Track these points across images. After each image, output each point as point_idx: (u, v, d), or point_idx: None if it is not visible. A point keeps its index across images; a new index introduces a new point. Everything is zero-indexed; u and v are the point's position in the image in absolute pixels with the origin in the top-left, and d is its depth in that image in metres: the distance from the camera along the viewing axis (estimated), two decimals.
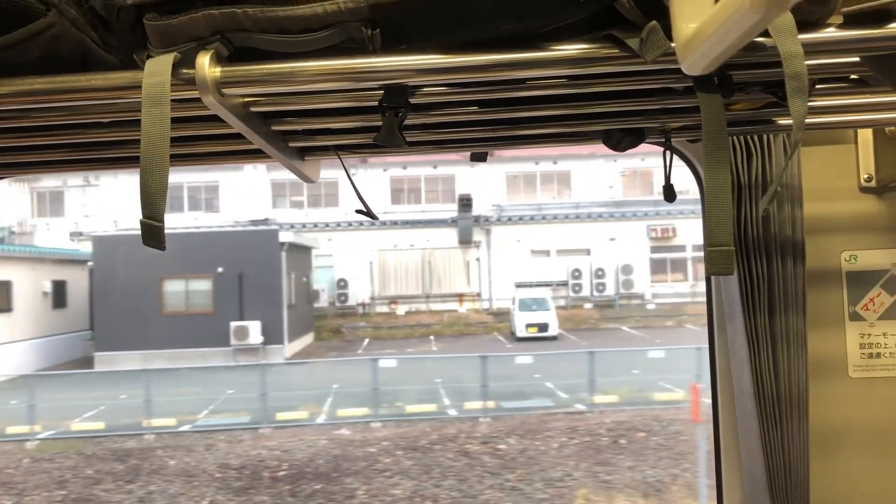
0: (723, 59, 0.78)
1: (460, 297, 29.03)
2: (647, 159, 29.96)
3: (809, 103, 1.27)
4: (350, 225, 29.12)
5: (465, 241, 29.12)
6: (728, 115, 1.25)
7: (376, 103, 1.10)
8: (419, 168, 30.67)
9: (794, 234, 1.61)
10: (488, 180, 29.88)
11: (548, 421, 12.73)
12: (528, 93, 1.13)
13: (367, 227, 28.94)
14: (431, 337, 24.57)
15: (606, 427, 12.22)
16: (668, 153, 1.38)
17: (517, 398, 14.02)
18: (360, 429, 12.74)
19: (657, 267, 29.15)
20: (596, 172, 30.53)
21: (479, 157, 1.52)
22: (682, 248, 29.08)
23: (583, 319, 26.59)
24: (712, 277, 1.81)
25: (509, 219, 29.25)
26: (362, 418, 13.24)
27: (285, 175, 28.98)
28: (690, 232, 28.66)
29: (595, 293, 28.33)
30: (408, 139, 1.31)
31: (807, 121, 1.32)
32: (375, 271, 29.35)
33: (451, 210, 29.61)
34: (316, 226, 29.40)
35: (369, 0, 0.93)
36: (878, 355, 1.73)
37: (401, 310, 28.75)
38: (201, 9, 0.97)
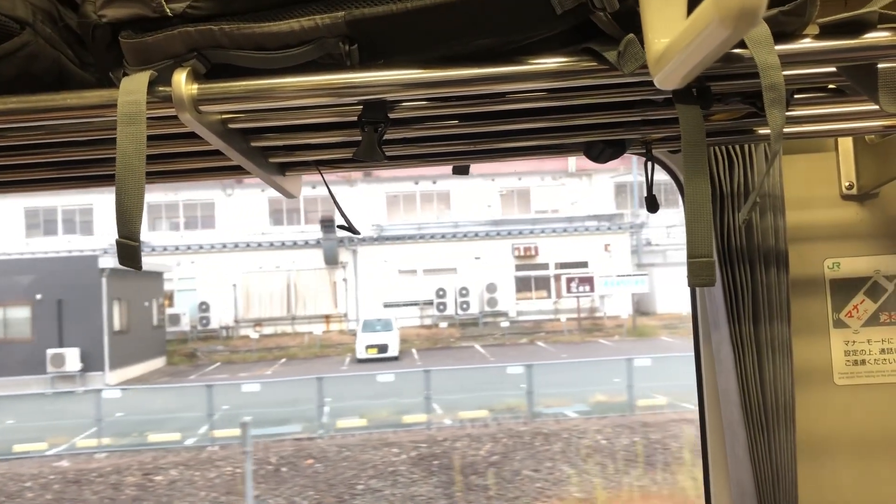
0: (695, 74, 0.78)
1: (327, 318, 28.76)
2: (525, 178, 30.41)
3: (789, 113, 1.27)
4: (225, 246, 28.57)
5: (332, 261, 28.83)
6: (708, 126, 1.25)
7: (356, 118, 1.10)
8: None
9: (777, 243, 1.61)
10: (369, 200, 29.66)
11: (266, 447, 12.41)
12: (509, 106, 1.13)
13: (233, 249, 28.49)
14: (283, 360, 24.15)
15: (290, 454, 12.05)
16: (649, 164, 1.38)
17: (271, 424, 13.70)
18: (83, 460, 12.30)
19: (522, 285, 29.26)
20: (475, 192, 30.53)
21: (461, 171, 1.52)
22: (545, 267, 29.24)
23: (442, 338, 26.43)
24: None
25: (375, 239, 29.06)
26: (91, 449, 12.87)
27: (160, 197, 28.82)
28: (552, 250, 29.03)
29: (460, 312, 28.28)
30: (389, 153, 1.30)
31: (786, 130, 1.33)
32: (240, 294, 28.86)
33: (291, 231, 29.42)
34: (189, 248, 28.76)
35: (346, 16, 0.92)
36: (863, 362, 1.73)
37: (266, 331, 28.31)
38: (177, 26, 0.96)
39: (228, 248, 28.56)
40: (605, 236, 29.21)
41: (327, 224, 28.19)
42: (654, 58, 0.80)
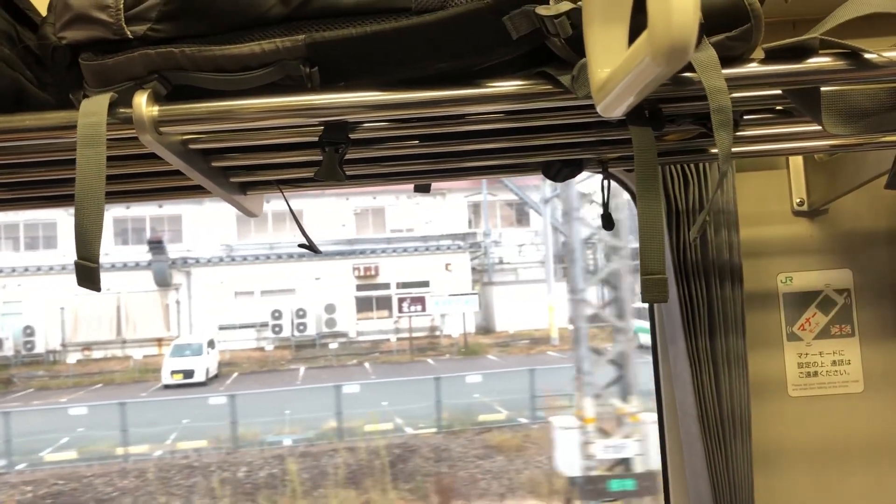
0: (634, 103, 0.81)
1: (159, 341, 27.83)
2: (379, 197, 30.38)
3: (740, 133, 1.31)
4: (52, 269, 27.22)
5: (163, 283, 28.01)
6: (662, 146, 1.29)
7: (318, 138, 1.11)
8: (146, 208, 29.16)
9: (732, 258, 1.65)
10: (218, 219, 28.82)
11: None
12: (468, 127, 1.15)
13: (60, 271, 27.02)
14: (100, 385, 23.47)
15: None
16: (605, 182, 1.41)
17: None
18: None
19: (364, 305, 29.15)
20: (329, 210, 30.21)
21: (422, 189, 1.53)
22: (386, 286, 29.20)
23: (273, 361, 26.05)
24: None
25: (209, 260, 28.50)
26: None
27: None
28: (393, 269, 29.02)
29: (296, 333, 27.96)
30: (351, 173, 1.32)
31: (738, 149, 1.37)
32: (68, 317, 27.78)
33: (174, 251, 28.66)
34: (14, 270, 27.57)
35: (306, 39, 0.94)
36: (816, 374, 1.78)
37: (96, 355, 27.38)
38: (138, 49, 0.97)
39: (56, 270, 27.15)
40: (446, 256, 29.13)
41: (155, 245, 27.36)
42: (596, 86, 0.83)
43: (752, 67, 0.96)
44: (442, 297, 27.44)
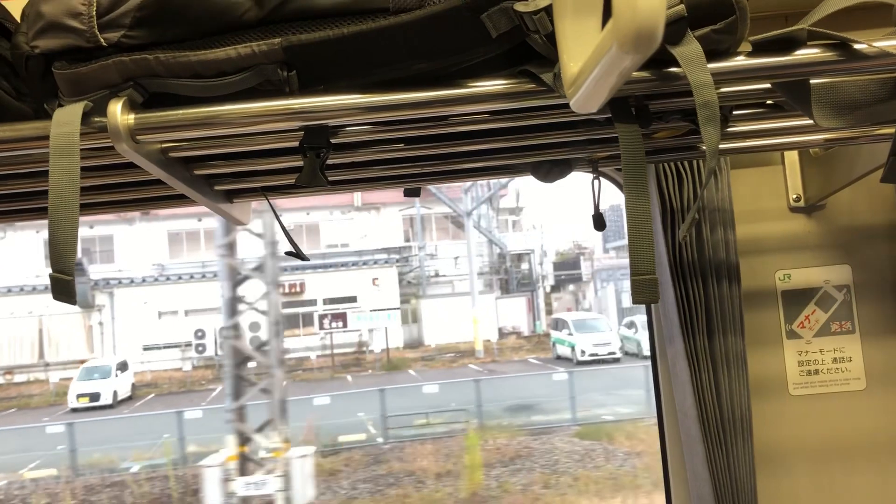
0: (606, 98, 0.79)
1: (82, 363, 26.64)
2: (313, 213, 29.89)
3: (732, 128, 1.29)
4: None
5: (85, 305, 27.26)
6: (652, 144, 1.26)
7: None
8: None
9: (729, 256, 1.63)
10: (149, 238, 28.58)
11: None
12: (453, 129, 1.13)
13: None
14: (13, 409, 22.78)
15: None
16: (596, 182, 1.39)
17: None
18: None
19: (291, 321, 28.30)
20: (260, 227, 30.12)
21: (412, 193, 1.51)
22: (313, 303, 28.87)
23: (192, 381, 25.42)
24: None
25: (132, 281, 28.01)
26: None
27: None
28: (319, 286, 28.76)
29: (220, 352, 27.41)
30: (334, 178, 1.30)
31: (730, 145, 1.34)
32: None
33: (103, 271, 28.11)
34: None
35: (283, 43, 0.92)
36: (817, 372, 1.75)
37: (18, 378, 26.54)
38: (112, 56, 0.95)
39: None
40: (374, 270, 28.91)
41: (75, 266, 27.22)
42: (568, 81, 0.81)
43: (739, 61, 0.94)
44: (363, 312, 27.39)
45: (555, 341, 25.35)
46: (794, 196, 1.75)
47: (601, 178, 1.43)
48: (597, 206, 1.36)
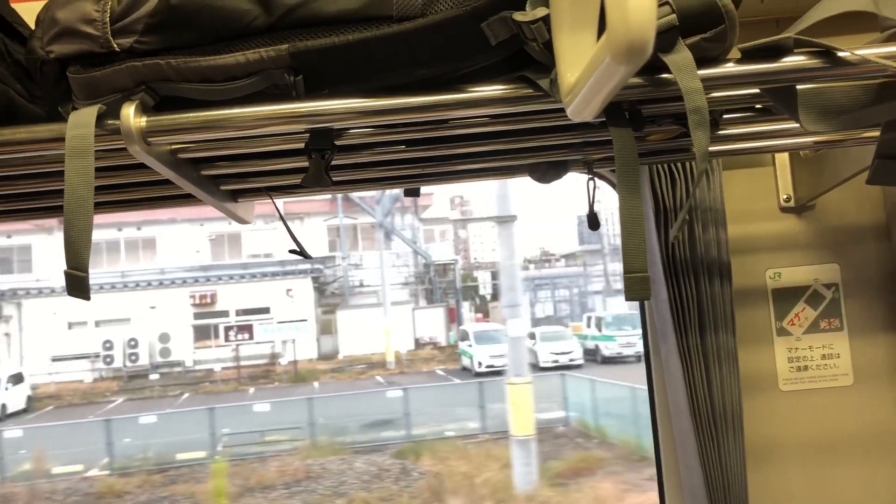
0: (601, 106, 0.83)
1: None
2: (235, 223, 29.56)
3: (722, 131, 1.33)
4: None
5: None
6: (645, 146, 1.30)
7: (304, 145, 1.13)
8: None
9: (720, 255, 1.67)
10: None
11: None
12: (453, 131, 1.17)
13: None
14: None
15: None
16: (591, 183, 1.43)
17: None
18: None
19: (204, 333, 28.50)
20: (182, 237, 29.71)
21: (412, 193, 1.55)
22: (225, 314, 28.67)
23: (95, 393, 24.99)
24: (643, 301, 1.86)
25: (40, 291, 27.42)
26: None
27: None
28: (232, 297, 28.59)
29: (128, 363, 27.29)
30: (338, 179, 1.33)
31: (721, 148, 1.39)
32: None
33: (15, 281, 27.63)
34: None
35: (290, 49, 0.96)
36: (806, 368, 1.80)
37: None
38: (125, 61, 0.99)
39: None
40: (288, 281, 28.73)
41: None
42: (565, 90, 0.85)
43: (728, 68, 0.98)
44: (270, 324, 27.31)
45: (460, 352, 25.45)
46: (785, 196, 1.80)
47: (596, 179, 1.47)
48: (591, 206, 1.40)
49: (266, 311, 28.16)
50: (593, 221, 1.40)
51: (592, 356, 24.13)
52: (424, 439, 14.31)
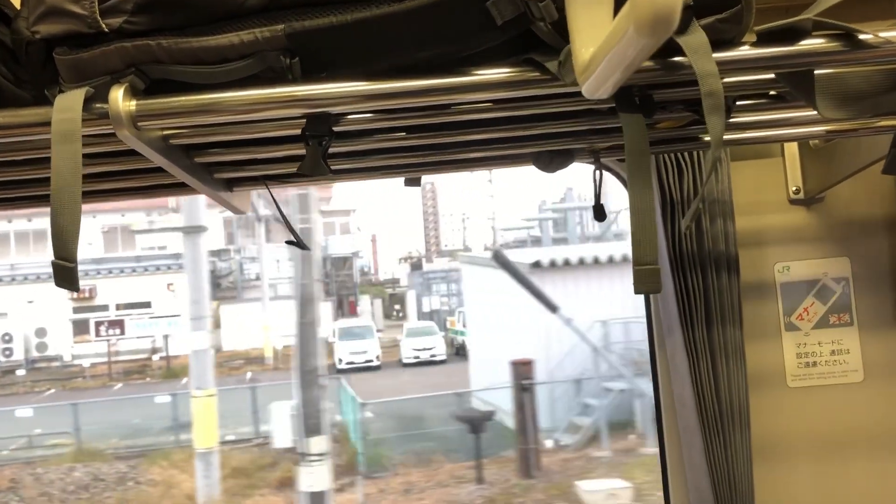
0: (619, 83, 0.79)
1: None
2: (128, 215, 29.66)
3: (733, 119, 1.29)
4: None
5: None
6: (654, 134, 1.26)
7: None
8: None
9: (728, 248, 1.63)
10: None
11: None
12: (455, 118, 1.13)
13: None
14: None
15: None
16: (597, 172, 1.39)
17: None
18: None
19: (82, 327, 28.10)
20: None
21: (413, 182, 1.51)
22: (105, 308, 28.54)
23: None
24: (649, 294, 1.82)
25: None
26: None
27: None
28: (116, 291, 28.41)
29: (2, 358, 26.96)
30: (336, 167, 1.29)
31: (732, 136, 1.34)
32: None
33: None
34: None
35: (286, 29, 0.92)
36: (815, 364, 1.76)
37: None
38: (114, 42, 0.95)
39: None
40: (169, 276, 28.36)
41: None
42: (580, 67, 0.81)
43: (744, 51, 0.93)
44: (142, 319, 27.10)
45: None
46: (794, 188, 1.76)
47: (602, 170, 1.43)
48: (597, 197, 1.36)
49: (147, 305, 27.99)
50: (599, 212, 1.36)
51: (464, 353, 23.05)
52: (183, 445, 13.84)
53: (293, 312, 8.80)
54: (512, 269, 13.73)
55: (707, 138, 1.34)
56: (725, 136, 1.33)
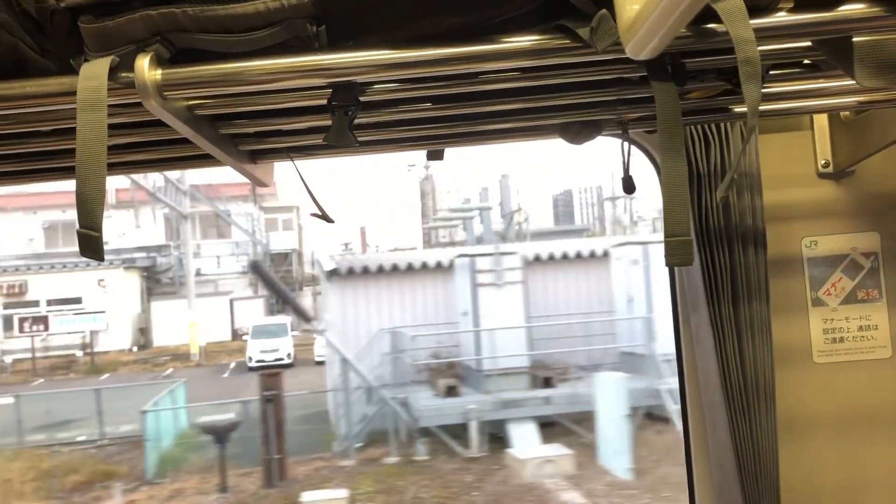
0: (666, 42, 0.77)
1: None
2: (69, 212, 27.99)
3: (764, 90, 1.26)
4: None
5: None
6: (683, 105, 1.24)
7: (326, 102, 1.08)
8: None
9: (755, 222, 1.61)
10: None
11: None
12: (482, 87, 1.11)
13: None
14: None
15: None
16: (625, 144, 1.37)
17: None
18: None
19: (10, 324, 27.84)
20: (14, 225, 29.51)
21: (435, 156, 1.50)
22: (36, 304, 28.35)
23: None
24: (675, 269, 1.80)
25: None
26: None
27: None
28: (45, 287, 28.21)
29: None
30: (361, 138, 1.28)
31: (762, 107, 1.31)
32: None
33: None
34: None
35: None
36: (842, 340, 1.74)
37: None
38: (139, 10, 0.94)
39: None
40: (100, 272, 28.33)
41: None
42: (625, 25, 0.79)
43: (781, 17, 0.91)
44: (65, 315, 27.12)
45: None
46: (823, 162, 1.73)
47: (629, 142, 1.41)
48: (626, 169, 1.34)
49: (78, 301, 28.02)
50: (628, 185, 1.34)
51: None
52: (25, 447, 13.81)
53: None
54: (268, 280, 13.78)
55: (738, 109, 1.31)
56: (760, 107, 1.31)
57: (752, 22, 0.84)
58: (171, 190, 26.71)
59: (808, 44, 1.03)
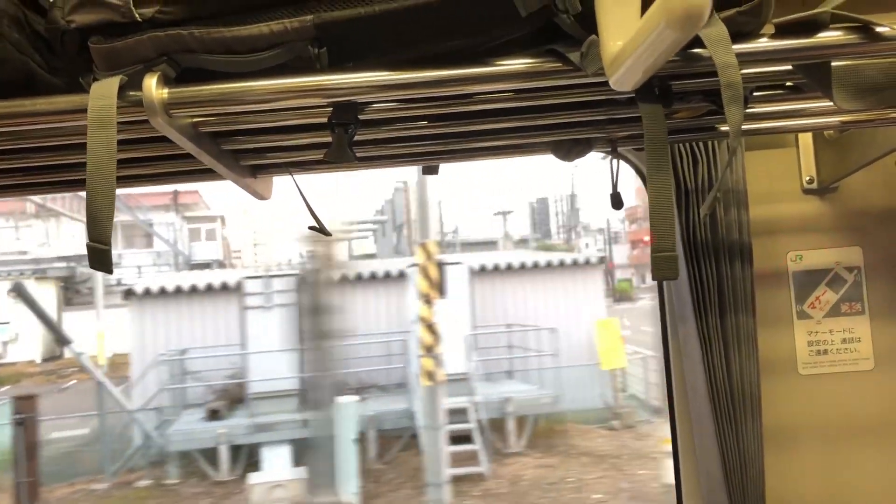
0: (648, 75, 0.81)
1: None
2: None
3: (749, 109, 1.31)
4: None
5: None
6: (671, 124, 1.28)
7: (327, 120, 1.11)
8: None
9: (742, 237, 1.65)
10: None
11: None
12: (477, 107, 1.15)
13: None
14: None
15: None
16: (615, 162, 1.41)
17: None
18: None
19: None
20: None
21: (430, 171, 1.53)
22: None
23: None
24: (664, 282, 1.84)
25: None
26: None
27: None
28: None
29: None
30: (359, 154, 1.32)
31: (748, 126, 1.36)
32: None
33: None
34: None
35: (314, 20, 0.94)
36: (825, 352, 1.78)
37: None
38: (147, 31, 0.97)
39: None
40: (9, 282, 27.11)
41: None
42: (609, 59, 0.83)
43: (763, 43, 0.95)
44: None
45: None
46: (808, 178, 1.77)
47: (618, 159, 1.45)
48: (615, 186, 1.38)
49: None
50: (617, 201, 1.38)
51: None
52: None
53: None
54: (30, 302, 13.73)
55: (723, 128, 1.36)
56: (744, 126, 1.35)
57: (734, 47, 0.88)
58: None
59: (790, 67, 1.07)
